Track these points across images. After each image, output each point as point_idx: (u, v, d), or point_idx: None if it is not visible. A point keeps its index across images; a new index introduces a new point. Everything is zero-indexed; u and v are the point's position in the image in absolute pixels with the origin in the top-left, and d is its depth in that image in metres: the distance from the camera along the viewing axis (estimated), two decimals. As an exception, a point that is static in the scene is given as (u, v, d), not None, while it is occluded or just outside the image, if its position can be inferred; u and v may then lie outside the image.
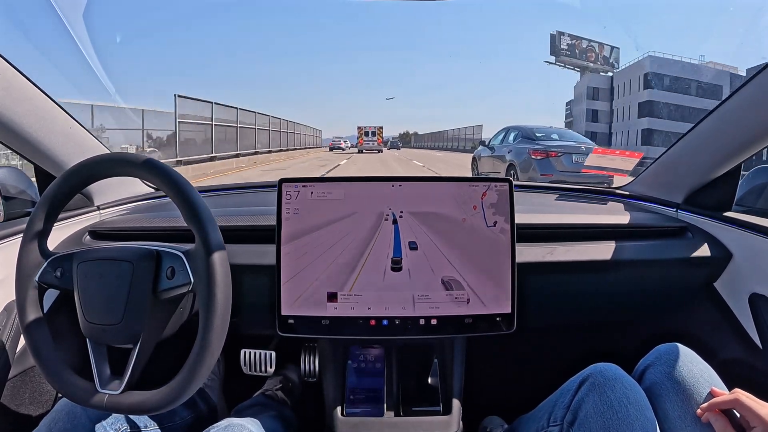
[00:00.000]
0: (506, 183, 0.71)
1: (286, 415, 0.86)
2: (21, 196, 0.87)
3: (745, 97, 0.73)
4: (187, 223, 0.57)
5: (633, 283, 0.84)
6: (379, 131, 25.55)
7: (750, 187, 0.87)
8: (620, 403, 0.54)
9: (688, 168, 0.90)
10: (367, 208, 0.69)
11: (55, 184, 0.60)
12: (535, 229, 0.83)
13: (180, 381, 0.55)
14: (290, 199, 0.69)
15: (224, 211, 0.86)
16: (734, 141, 0.78)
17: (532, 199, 1.06)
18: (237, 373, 0.86)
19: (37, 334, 0.59)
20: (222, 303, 0.55)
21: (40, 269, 0.59)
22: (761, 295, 0.77)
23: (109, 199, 0.99)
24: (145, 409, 0.55)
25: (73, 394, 0.57)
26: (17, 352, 0.73)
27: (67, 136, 0.82)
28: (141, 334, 0.57)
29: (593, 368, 0.60)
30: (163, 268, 0.58)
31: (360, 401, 0.74)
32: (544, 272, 0.79)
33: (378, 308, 0.68)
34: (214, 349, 0.55)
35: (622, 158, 1.10)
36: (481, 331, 0.70)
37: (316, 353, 0.83)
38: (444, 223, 0.69)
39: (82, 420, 0.60)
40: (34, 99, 0.73)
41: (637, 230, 0.87)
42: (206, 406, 0.81)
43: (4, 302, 0.72)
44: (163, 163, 0.59)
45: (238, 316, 0.64)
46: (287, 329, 0.69)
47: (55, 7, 0.94)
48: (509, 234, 0.69)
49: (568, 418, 0.58)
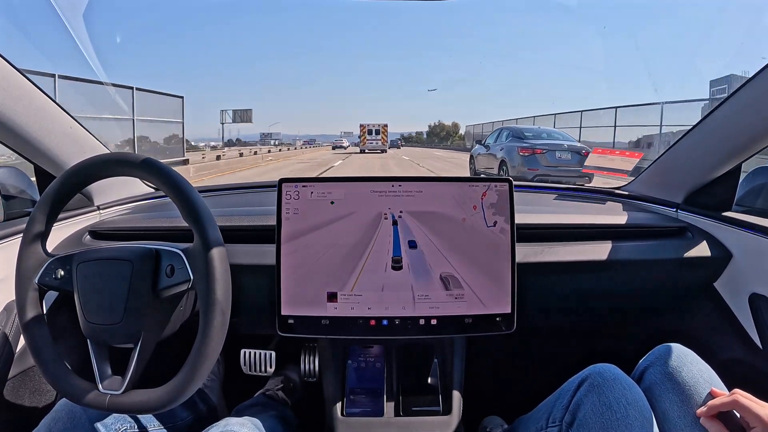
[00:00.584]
0: (506, 183, 0.71)
1: (285, 415, 0.86)
2: (21, 195, 0.87)
3: (745, 97, 0.73)
4: (186, 222, 0.57)
5: (633, 283, 0.84)
6: (383, 129, 23.74)
7: (750, 187, 0.87)
8: (619, 404, 0.54)
9: (688, 168, 0.90)
10: (367, 207, 0.69)
11: (55, 183, 0.60)
12: (535, 229, 0.83)
13: (181, 379, 0.55)
14: (290, 198, 0.69)
15: (224, 211, 0.86)
16: (734, 141, 0.78)
17: (533, 199, 1.07)
18: (237, 373, 0.86)
19: (38, 335, 0.59)
20: (222, 300, 0.55)
21: (39, 271, 0.59)
22: (761, 295, 0.77)
23: (109, 199, 0.99)
24: (147, 409, 0.56)
25: (74, 394, 0.57)
26: (17, 352, 0.73)
27: (66, 136, 0.82)
28: (141, 334, 0.57)
29: (592, 369, 0.60)
30: (162, 267, 0.58)
31: (360, 401, 0.74)
32: (544, 272, 0.79)
33: (378, 308, 0.68)
34: (214, 346, 0.55)
35: (621, 158, 1.11)
36: (481, 331, 0.70)
37: (316, 353, 0.82)
38: (444, 223, 0.69)
39: (82, 420, 0.60)
40: (34, 99, 0.73)
41: (637, 230, 0.87)
42: (206, 407, 0.81)
43: (4, 302, 0.72)
44: (162, 162, 0.59)
45: (238, 316, 0.64)
46: (287, 329, 0.69)
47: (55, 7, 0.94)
48: (509, 234, 0.69)
49: (567, 418, 0.58)
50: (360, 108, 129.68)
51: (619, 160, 1.11)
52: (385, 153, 21.39)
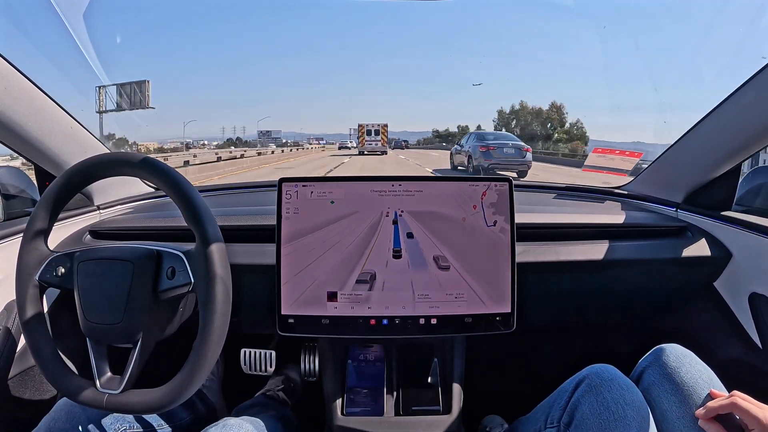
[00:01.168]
0: (506, 183, 0.71)
1: (285, 416, 0.86)
2: (21, 195, 0.87)
3: (745, 97, 0.72)
4: (187, 222, 0.57)
5: (632, 282, 0.84)
6: (383, 129, 22.51)
7: (750, 187, 0.87)
8: (617, 404, 0.53)
9: (687, 167, 0.90)
10: (367, 207, 0.69)
11: (55, 183, 0.60)
12: (535, 228, 0.83)
13: (180, 381, 0.55)
14: (290, 198, 0.69)
15: (224, 210, 0.86)
16: (734, 141, 0.78)
17: (533, 198, 1.07)
18: (237, 372, 0.86)
19: (37, 332, 0.59)
20: (222, 304, 0.55)
21: (40, 268, 0.59)
22: (761, 295, 0.77)
23: (109, 199, 0.99)
24: (145, 409, 0.55)
25: (73, 393, 0.57)
26: (17, 352, 0.73)
27: (67, 136, 0.82)
28: (141, 334, 0.57)
29: (589, 369, 0.59)
30: (163, 268, 0.58)
31: (360, 400, 0.74)
32: (544, 272, 0.79)
33: (378, 308, 0.68)
34: (214, 349, 0.55)
35: (621, 158, 1.11)
36: (481, 330, 0.70)
37: (316, 353, 0.83)
38: (444, 223, 0.69)
39: (82, 420, 0.60)
40: (34, 99, 0.73)
41: (636, 230, 0.87)
42: (205, 407, 0.81)
43: (4, 302, 0.72)
44: (163, 162, 0.59)
45: (238, 315, 0.64)
46: (287, 329, 0.69)
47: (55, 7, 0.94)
48: (509, 233, 0.69)
49: (565, 419, 0.58)
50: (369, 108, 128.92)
51: (619, 160, 1.11)
52: (386, 155, 20.75)
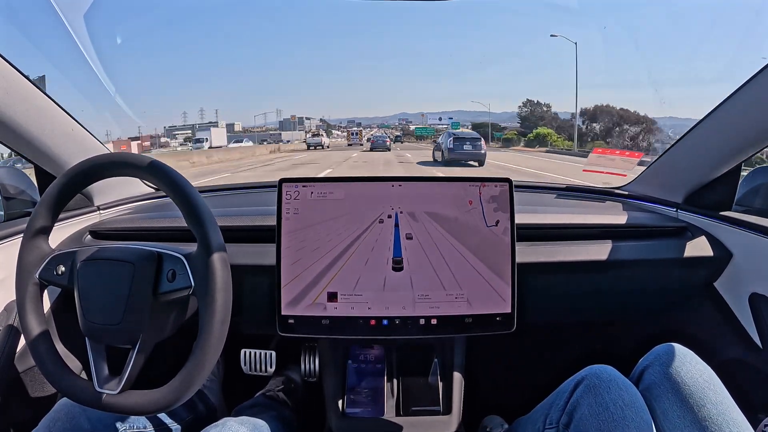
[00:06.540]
0: (506, 182, 0.71)
1: (285, 416, 0.86)
2: (21, 196, 0.87)
3: (745, 97, 0.72)
4: (188, 224, 0.57)
5: (633, 283, 0.84)
6: (359, 132, 30.66)
7: (750, 187, 0.87)
8: (616, 405, 0.53)
9: (688, 168, 0.90)
10: (367, 208, 0.69)
11: (55, 183, 0.60)
12: (536, 229, 0.83)
13: (179, 382, 0.55)
14: (290, 199, 0.69)
15: (224, 211, 0.86)
16: (734, 141, 0.78)
17: (533, 198, 1.07)
18: (237, 373, 0.86)
19: (37, 331, 0.58)
20: (222, 307, 0.55)
21: (41, 266, 0.59)
22: (761, 295, 0.77)
23: (109, 199, 0.99)
24: (143, 410, 0.55)
25: (72, 392, 0.57)
26: (17, 352, 0.73)
27: (67, 136, 0.82)
28: (140, 335, 0.57)
29: (588, 370, 0.59)
30: (164, 271, 0.58)
31: (360, 401, 0.74)
32: (544, 272, 0.79)
33: (378, 308, 0.68)
34: (213, 352, 0.55)
35: (621, 158, 1.10)
36: (481, 330, 0.69)
37: (316, 353, 0.83)
38: (444, 223, 0.69)
39: (81, 420, 0.60)
40: (34, 99, 0.73)
41: (637, 230, 0.87)
42: (205, 408, 0.81)
43: (5, 302, 0.72)
44: (163, 163, 0.59)
45: (239, 315, 0.64)
46: (287, 329, 0.69)
47: (55, 7, 0.94)
48: (509, 234, 0.69)
49: (564, 420, 0.58)
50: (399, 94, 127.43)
51: (619, 160, 1.11)
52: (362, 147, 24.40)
